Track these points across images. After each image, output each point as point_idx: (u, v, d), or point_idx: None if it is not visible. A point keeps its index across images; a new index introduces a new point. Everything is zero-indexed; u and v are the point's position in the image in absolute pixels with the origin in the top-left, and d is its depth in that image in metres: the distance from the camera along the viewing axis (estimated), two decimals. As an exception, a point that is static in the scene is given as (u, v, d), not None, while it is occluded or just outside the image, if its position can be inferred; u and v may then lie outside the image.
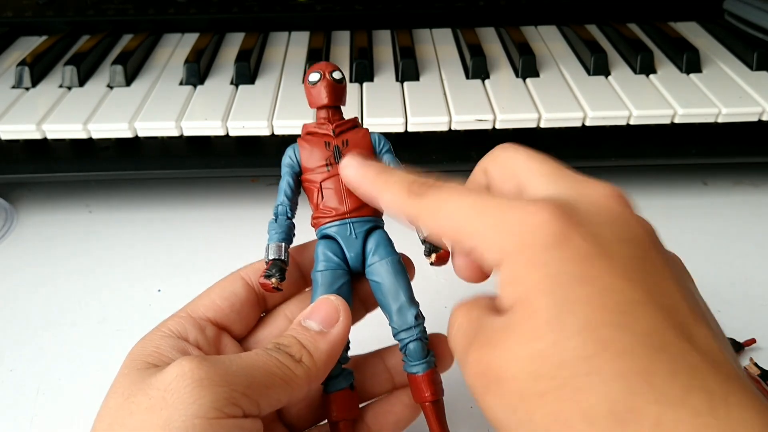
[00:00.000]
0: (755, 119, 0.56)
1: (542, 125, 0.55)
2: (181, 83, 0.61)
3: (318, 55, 0.64)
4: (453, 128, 0.55)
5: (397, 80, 0.61)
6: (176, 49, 0.68)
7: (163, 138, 0.55)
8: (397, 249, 0.33)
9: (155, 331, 0.30)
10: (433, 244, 0.32)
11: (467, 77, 0.61)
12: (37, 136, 0.54)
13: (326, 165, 0.33)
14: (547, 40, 0.69)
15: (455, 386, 0.42)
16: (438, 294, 0.49)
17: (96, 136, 0.54)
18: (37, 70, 0.61)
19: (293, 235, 0.33)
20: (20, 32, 0.71)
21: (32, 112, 0.56)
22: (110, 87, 0.60)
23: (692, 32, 0.70)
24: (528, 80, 0.60)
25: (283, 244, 0.32)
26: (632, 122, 0.56)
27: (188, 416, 0.24)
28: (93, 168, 0.54)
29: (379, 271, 0.32)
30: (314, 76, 0.33)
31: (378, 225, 0.33)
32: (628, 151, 0.55)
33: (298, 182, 0.34)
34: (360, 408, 0.33)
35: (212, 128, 0.54)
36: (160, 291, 0.50)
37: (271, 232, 0.32)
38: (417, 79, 0.61)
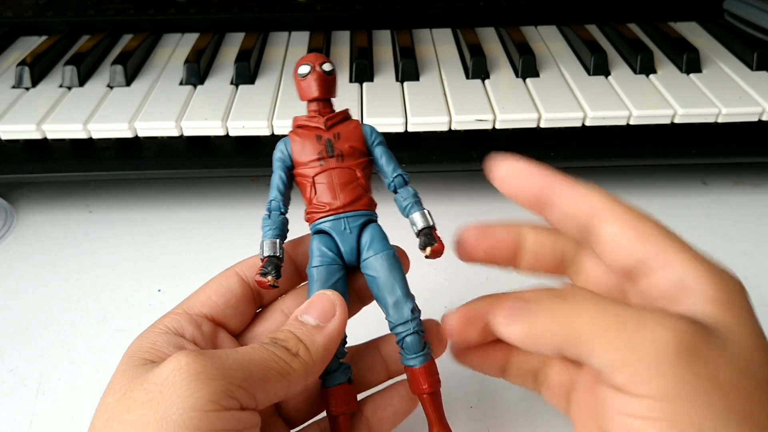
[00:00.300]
0: (755, 119, 0.56)
1: (542, 125, 0.55)
2: (181, 83, 0.61)
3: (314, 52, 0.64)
4: (453, 128, 0.55)
5: (397, 80, 0.61)
6: (176, 49, 0.68)
7: (163, 138, 0.55)
8: (391, 242, 0.33)
9: (152, 328, 0.30)
10: (428, 237, 0.32)
11: (467, 77, 0.61)
12: (37, 136, 0.54)
13: (319, 159, 0.32)
14: (547, 40, 0.69)
15: (455, 386, 0.42)
16: (437, 293, 0.49)
17: (96, 136, 0.54)
18: (37, 70, 0.61)
19: (287, 230, 0.33)
20: (20, 32, 0.71)
21: (32, 112, 0.56)
22: (110, 87, 0.60)
23: (692, 32, 0.70)
24: (528, 80, 0.60)
25: (277, 240, 0.32)
26: (632, 122, 0.55)
27: (185, 410, 0.24)
28: (93, 168, 0.54)
29: (375, 266, 0.32)
30: (304, 69, 0.33)
31: (372, 219, 0.33)
32: (628, 151, 0.55)
33: (291, 176, 0.34)
34: (358, 401, 0.33)
35: (212, 128, 0.54)
36: (160, 291, 0.50)
37: (264, 228, 0.32)
38: (417, 79, 0.61)
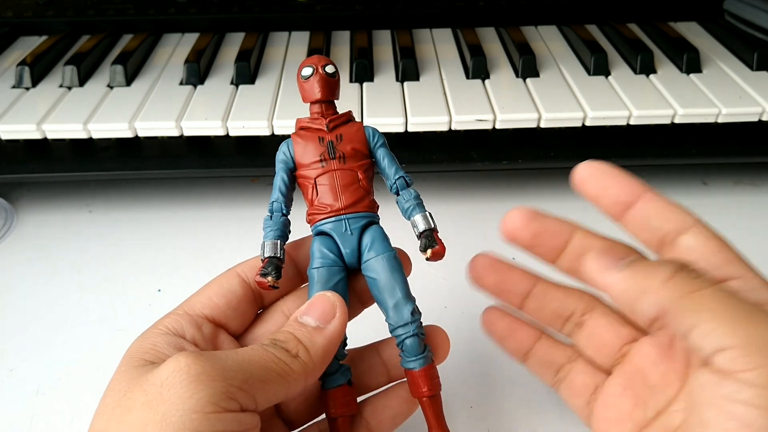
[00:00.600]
0: (755, 119, 0.56)
1: (542, 125, 0.55)
2: (181, 83, 0.61)
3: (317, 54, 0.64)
4: (453, 128, 0.55)
5: (397, 80, 0.61)
6: (176, 49, 0.68)
7: (163, 138, 0.55)
8: (393, 244, 0.33)
9: (152, 328, 0.30)
10: (429, 239, 0.32)
11: (467, 77, 0.61)
12: (37, 136, 0.54)
13: (320, 161, 0.33)
14: (547, 40, 0.69)
15: (456, 386, 0.42)
16: (437, 293, 0.49)
17: (96, 136, 0.54)
18: (37, 70, 0.61)
19: (289, 231, 0.33)
20: (20, 32, 0.71)
21: (32, 112, 0.56)
22: (110, 87, 0.60)
23: (692, 32, 0.70)
24: (528, 80, 0.60)
25: (278, 241, 0.32)
26: (632, 122, 0.55)
27: (185, 411, 0.24)
28: (93, 168, 0.54)
29: (375, 268, 0.32)
30: (307, 71, 0.33)
31: (373, 220, 0.33)
32: (628, 151, 0.55)
33: (293, 178, 0.34)
34: (358, 403, 0.33)
35: (212, 128, 0.54)
36: (160, 291, 0.50)
37: (266, 230, 0.32)
38: (417, 79, 0.61)
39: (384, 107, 0.56)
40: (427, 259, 0.32)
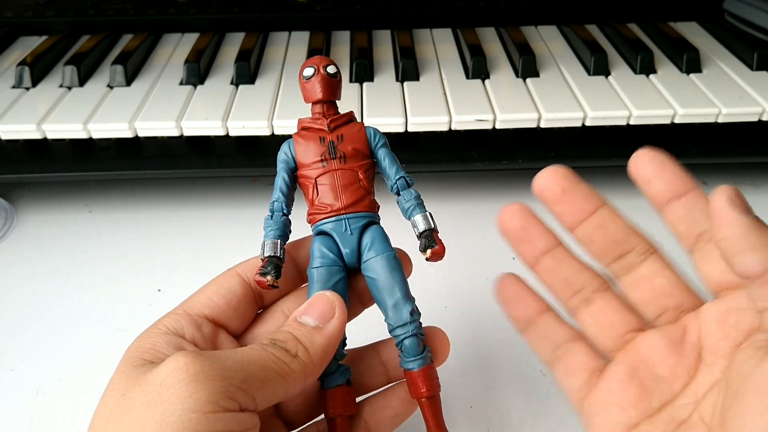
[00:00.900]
0: (755, 119, 0.56)
1: (542, 125, 0.55)
2: (181, 83, 0.61)
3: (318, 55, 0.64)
4: (453, 128, 0.55)
5: (397, 80, 0.61)
6: (176, 49, 0.68)
7: (163, 138, 0.55)
8: (394, 245, 0.33)
9: (152, 328, 0.30)
10: (429, 239, 0.32)
11: (467, 77, 0.61)
12: (37, 136, 0.54)
13: (321, 160, 0.33)
14: (547, 40, 0.69)
15: (456, 386, 0.42)
16: (438, 294, 0.49)
17: (96, 136, 0.55)
18: (37, 70, 0.62)
19: (289, 231, 0.33)
20: (20, 32, 0.71)
21: (32, 112, 0.56)
22: (110, 87, 0.60)
23: (692, 32, 0.70)
24: (528, 80, 0.60)
25: (278, 240, 0.32)
26: (632, 122, 0.55)
27: (184, 410, 0.24)
28: (93, 168, 0.54)
29: (375, 267, 0.32)
30: (308, 71, 0.34)
31: (374, 220, 0.33)
32: (628, 151, 0.54)
33: (294, 178, 0.34)
34: (357, 403, 0.33)
35: (212, 128, 0.54)
36: (160, 291, 0.50)
37: (266, 229, 0.32)
38: (417, 79, 0.61)
39: (384, 107, 0.56)
40: (426, 259, 0.32)
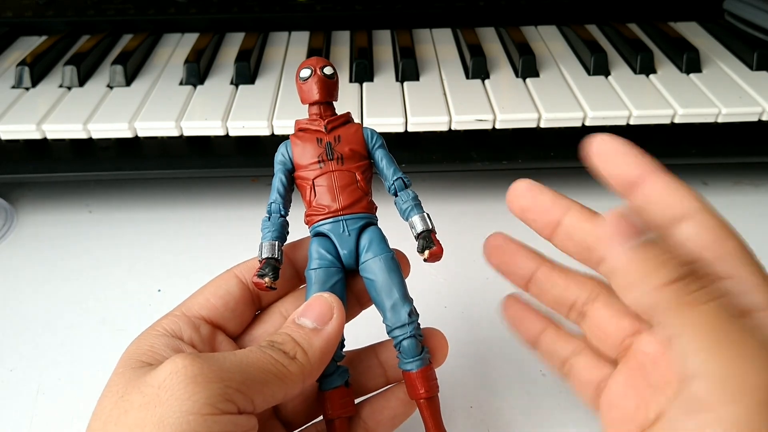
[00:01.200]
0: (755, 119, 0.56)
1: (542, 125, 0.55)
2: (181, 83, 0.61)
3: (318, 55, 0.64)
4: (453, 128, 0.55)
5: (397, 80, 0.61)
6: (176, 49, 0.68)
7: (163, 138, 0.55)
8: (392, 246, 0.33)
9: (150, 330, 0.30)
10: (427, 240, 0.32)
11: (467, 77, 0.61)
12: (37, 136, 0.54)
13: (319, 162, 0.33)
14: (547, 40, 0.69)
15: (455, 386, 0.42)
16: (438, 294, 0.49)
17: (96, 136, 0.55)
18: (37, 70, 0.62)
19: (287, 232, 0.33)
20: (20, 32, 0.71)
21: (32, 112, 0.56)
22: (110, 87, 0.60)
23: (692, 32, 0.70)
24: (528, 80, 0.60)
25: (276, 242, 0.32)
26: (632, 122, 0.55)
27: (182, 413, 0.24)
28: (93, 168, 0.54)
29: (373, 269, 0.32)
30: (305, 72, 0.34)
31: (371, 222, 0.33)
32: None
33: (291, 179, 0.34)
34: (356, 404, 0.33)
35: (212, 128, 0.54)
36: (160, 291, 0.50)
37: (264, 231, 0.32)
38: (417, 79, 0.61)
39: (384, 107, 0.56)
40: (424, 260, 0.32)
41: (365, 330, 0.35)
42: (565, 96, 0.57)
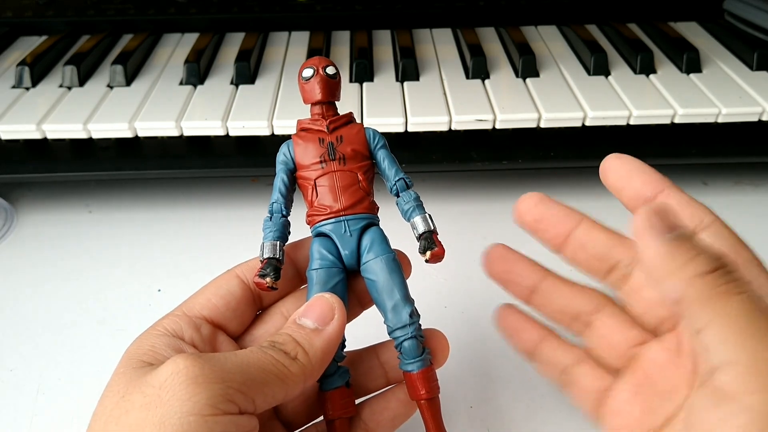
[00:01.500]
0: (755, 119, 0.56)
1: (542, 125, 0.55)
2: (181, 83, 0.61)
3: (318, 55, 0.64)
4: (453, 128, 0.55)
5: (397, 80, 0.61)
6: (176, 49, 0.68)
7: (163, 138, 0.55)
8: (393, 246, 0.33)
9: (151, 330, 0.30)
10: (429, 241, 0.32)
11: (467, 77, 0.61)
12: (37, 136, 0.54)
13: (320, 162, 0.33)
14: (547, 40, 0.69)
15: (455, 386, 0.42)
16: (438, 294, 0.49)
17: (96, 136, 0.54)
18: (37, 70, 0.61)
19: (288, 232, 0.33)
20: (20, 32, 0.71)
21: (32, 112, 0.56)
22: (110, 87, 0.60)
23: (692, 32, 0.70)
24: (528, 80, 0.60)
25: (277, 242, 0.32)
26: (632, 122, 0.55)
27: (183, 413, 0.24)
28: (93, 168, 0.54)
29: (374, 269, 0.32)
30: (307, 72, 0.34)
31: (373, 222, 0.33)
32: (628, 151, 0.54)
33: (293, 179, 0.34)
34: (356, 405, 0.33)
35: (212, 128, 0.54)
36: (160, 291, 0.50)
37: (266, 231, 0.32)
38: (417, 79, 0.61)
39: (384, 107, 0.56)
40: (426, 261, 0.32)
41: (366, 330, 0.35)
42: (565, 96, 0.57)
